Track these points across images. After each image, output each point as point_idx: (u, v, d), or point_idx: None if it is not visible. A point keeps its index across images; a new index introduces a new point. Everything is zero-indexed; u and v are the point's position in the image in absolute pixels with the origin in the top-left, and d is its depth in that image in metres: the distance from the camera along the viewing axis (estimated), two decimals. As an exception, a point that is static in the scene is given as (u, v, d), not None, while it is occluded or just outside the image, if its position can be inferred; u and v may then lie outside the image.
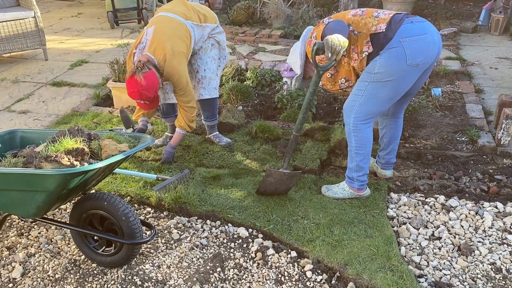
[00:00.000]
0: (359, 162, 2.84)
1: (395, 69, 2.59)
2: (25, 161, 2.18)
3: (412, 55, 2.56)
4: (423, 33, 2.60)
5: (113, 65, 4.37)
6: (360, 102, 2.71)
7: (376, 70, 2.61)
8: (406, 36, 2.56)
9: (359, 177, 2.87)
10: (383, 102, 2.74)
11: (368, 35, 2.61)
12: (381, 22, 2.60)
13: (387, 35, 2.56)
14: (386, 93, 2.68)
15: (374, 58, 2.61)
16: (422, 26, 2.63)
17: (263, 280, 2.40)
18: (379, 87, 2.65)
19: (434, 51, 2.65)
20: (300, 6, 7.14)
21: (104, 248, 2.49)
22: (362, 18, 2.67)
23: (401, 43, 2.55)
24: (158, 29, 3.08)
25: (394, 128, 3.05)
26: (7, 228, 2.83)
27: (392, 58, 2.57)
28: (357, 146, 2.81)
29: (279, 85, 4.59)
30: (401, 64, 2.57)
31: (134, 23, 7.76)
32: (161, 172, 3.29)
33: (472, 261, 2.47)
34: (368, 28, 2.62)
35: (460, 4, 8.06)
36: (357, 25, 2.66)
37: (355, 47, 2.67)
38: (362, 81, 2.70)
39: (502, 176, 3.19)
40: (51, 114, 4.43)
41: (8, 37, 5.52)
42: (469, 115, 4.06)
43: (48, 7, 9.31)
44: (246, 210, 2.86)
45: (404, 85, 2.70)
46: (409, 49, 2.55)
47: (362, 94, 2.69)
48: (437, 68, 5.06)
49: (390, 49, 2.57)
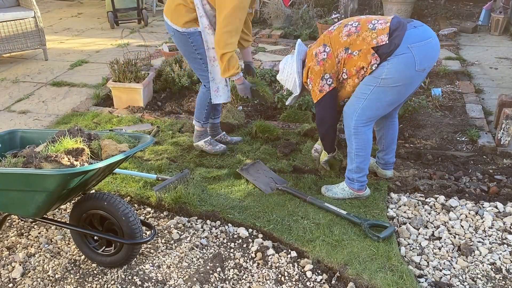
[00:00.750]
0: (359, 163, 2.84)
1: (403, 75, 2.57)
2: (25, 161, 2.18)
3: (421, 61, 2.55)
4: (428, 37, 2.59)
5: (113, 65, 4.37)
6: (363, 105, 2.69)
7: (384, 76, 2.58)
8: (414, 41, 2.53)
9: (359, 178, 2.87)
10: (386, 106, 2.73)
11: (369, 49, 2.57)
12: (380, 34, 2.55)
13: (392, 43, 2.52)
14: (391, 98, 2.67)
15: (382, 64, 2.57)
16: (425, 29, 2.61)
17: (263, 280, 2.40)
18: (384, 92, 2.64)
19: (437, 54, 2.66)
20: (300, 6, 7.15)
21: (104, 248, 2.49)
22: (358, 35, 2.62)
23: (410, 49, 2.52)
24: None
25: (391, 129, 3.05)
26: (7, 228, 2.83)
27: (401, 65, 2.54)
28: (358, 148, 2.80)
29: (279, 85, 4.59)
30: (410, 70, 2.56)
31: (134, 23, 7.77)
32: (161, 172, 3.29)
33: (472, 261, 2.47)
34: (368, 42, 2.58)
35: (460, 4, 8.06)
36: (355, 44, 2.62)
37: (357, 67, 2.64)
38: (366, 85, 2.66)
39: (502, 176, 3.19)
40: (51, 114, 4.43)
41: (8, 37, 5.52)
42: (469, 115, 4.06)
43: (48, 7, 9.32)
44: (246, 210, 2.86)
45: (409, 90, 2.70)
46: (418, 54, 2.53)
47: (366, 97, 2.66)
48: (437, 68, 5.06)
49: (398, 56, 2.53)
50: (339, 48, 2.68)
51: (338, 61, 2.70)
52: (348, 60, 2.66)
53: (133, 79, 4.35)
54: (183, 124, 4.03)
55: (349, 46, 2.64)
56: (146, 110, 4.34)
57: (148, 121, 4.10)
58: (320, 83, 2.76)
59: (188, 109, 4.37)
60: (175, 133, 3.88)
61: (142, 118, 4.16)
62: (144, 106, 4.41)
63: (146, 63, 5.02)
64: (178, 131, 3.93)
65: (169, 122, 4.06)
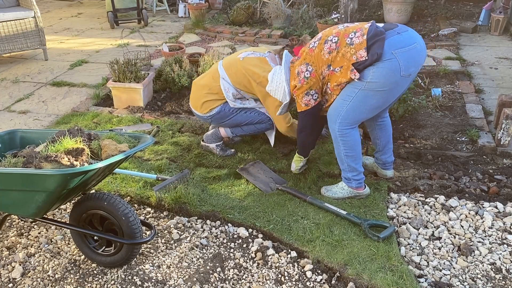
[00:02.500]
0: (350, 163, 2.84)
1: (388, 80, 2.57)
2: (25, 161, 2.18)
3: (406, 66, 2.55)
4: (412, 42, 2.58)
5: (113, 65, 4.37)
6: (347, 108, 2.68)
7: (369, 79, 2.58)
8: (398, 47, 2.53)
9: (354, 177, 2.88)
10: (371, 110, 2.73)
11: (349, 65, 2.57)
12: (358, 49, 2.55)
13: (374, 53, 2.51)
14: (375, 101, 2.67)
15: (367, 68, 2.57)
16: (409, 35, 2.60)
17: (263, 280, 2.40)
18: (369, 96, 2.63)
19: (423, 58, 2.66)
20: (300, 6, 7.14)
21: (104, 248, 2.49)
22: (338, 51, 2.61)
23: (394, 55, 2.52)
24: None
25: (384, 129, 3.04)
26: (7, 228, 2.83)
27: (386, 70, 2.54)
28: (346, 149, 2.80)
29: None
30: (395, 75, 2.56)
31: (134, 23, 7.76)
32: (161, 172, 3.29)
33: (472, 261, 2.47)
34: (348, 58, 2.58)
35: (460, 4, 8.06)
36: (335, 61, 2.63)
37: (338, 82, 2.65)
38: (352, 87, 2.65)
39: (502, 176, 3.19)
40: (51, 114, 4.43)
41: (8, 37, 5.52)
42: (469, 115, 4.06)
43: (48, 7, 9.32)
44: (246, 210, 2.86)
45: (394, 95, 2.70)
46: (403, 60, 2.53)
47: (351, 100, 2.66)
48: (437, 68, 5.06)
49: (384, 61, 2.53)
50: (323, 65, 2.70)
51: (323, 77, 2.73)
52: (331, 77, 2.69)
53: (133, 79, 4.35)
54: (183, 124, 4.02)
55: (331, 63, 2.66)
56: (146, 110, 4.34)
57: (148, 121, 4.10)
58: (306, 98, 2.80)
59: (188, 109, 4.37)
60: (175, 133, 3.88)
61: (142, 118, 4.16)
62: (144, 106, 4.41)
63: (146, 63, 5.03)
64: (178, 131, 3.93)
65: (169, 122, 4.06)
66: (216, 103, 3.35)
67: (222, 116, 3.39)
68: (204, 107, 3.38)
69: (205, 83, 3.41)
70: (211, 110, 3.37)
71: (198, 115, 3.50)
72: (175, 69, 4.63)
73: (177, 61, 4.77)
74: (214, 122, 3.50)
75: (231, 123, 3.44)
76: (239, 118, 3.39)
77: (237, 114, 3.37)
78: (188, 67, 4.69)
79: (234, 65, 3.32)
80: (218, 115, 3.38)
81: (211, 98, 3.35)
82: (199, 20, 7.38)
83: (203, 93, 3.38)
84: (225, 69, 3.33)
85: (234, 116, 3.38)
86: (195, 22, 7.37)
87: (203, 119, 3.49)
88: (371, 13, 7.45)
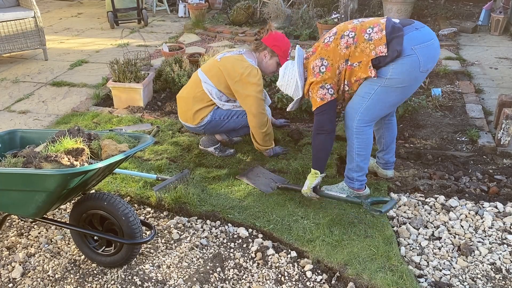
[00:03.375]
0: (359, 162, 2.84)
1: (408, 76, 2.58)
2: (25, 161, 2.18)
3: (425, 62, 2.56)
4: (430, 38, 2.59)
5: (113, 65, 4.37)
6: (366, 105, 2.68)
7: (389, 76, 2.58)
8: (417, 43, 2.54)
9: (358, 177, 2.88)
10: (389, 106, 2.75)
11: (369, 61, 2.56)
12: (378, 44, 2.54)
13: (394, 50, 2.50)
14: (394, 98, 2.68)
15: (387, 64, 2.56)
16: (427, 31, 2.62)
17: (263, 280, 2.40)
18: (388, 92, 2.63)
19: (438, 55, 2.68)
20: (300, 6, 7.14)
21: (104, 248, 2.49)
22: (356, 46, 2.60)
23: (414, 50, 2.52)
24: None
25: (390, 128, 3.05)
26: (7, 228, 2.83)
27: (406, 66, 2.54)
28: (359, 148, 2.80)
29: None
30: (415, 71, 2.57)
31: (134, 23, 7.76)
32: (161, 172, 3.29)
33: (472, 261, 2.47)
34: (367, 54, 2.57)
35: (460, 4, 8.06)
36: (353, 56, 2.62)
37: (357, 77, 2.64)
38: (370, 84, 2.64)
39: (502, 176, 3.19)
40: (51, 114, 4.43)
41: (8, 37, 5.52)
42: (469, 115, 4.06)
43: (48, 7, 9.32)
44: (246, 210, 2.86)
45: (412, 91, 2.72)
46: (422, 56, 2.54)
47: (370, 97, 2.66)
48: (437, 68, 5.05)
49: (404, 57, 2.53)
50: (340, 60, 2.66)
51: (339, 71, 2.69)
52: (349, 71, 2.66)
53: (133, 79, 4.35)
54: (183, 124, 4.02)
55: (348, 58, 2.64)
56: (146, 110, 4.34)
57: (148, 121, 4.10)
58: (321, 92, 2.72)
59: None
60: (175, 133, 3.88)
61: (142, 118, 4.16)
62: (144, 106, 4.41)
63: (146, 63, 5.02)
64: (178, 131, 3.93)
65: (169, 122, 4.06)
66: (206, 110, 3.32)
67: (215, 126, 3.37)
68: (195, 117, 3.34)
69: (188, 93, 3.38)
70: (202, 120, 3.33)
71: (190, 128, 3.46)
72: (175, 69, 4.63)
73: (177, 61, 4.77)
74: (208, 132, 3.46)
75: (225, 130, 3.44)
76: (232, 124, 3.38)
77: (229, 120, 3.36)
78: (188, 67, 4.69)
79: (212, 66, 3.32)
80: (210, 125, 3.36)
81: (199, 106, 3.31)
82: (199, 20, 7.38)
83: (190, 103, 3.34)
84: (205, 73, 3.32)
85: (227, 123, 3.36)
86: (195, 22, 7.37)
87: (196, 130, 3.47)
88: (371, 13, 7.44)
